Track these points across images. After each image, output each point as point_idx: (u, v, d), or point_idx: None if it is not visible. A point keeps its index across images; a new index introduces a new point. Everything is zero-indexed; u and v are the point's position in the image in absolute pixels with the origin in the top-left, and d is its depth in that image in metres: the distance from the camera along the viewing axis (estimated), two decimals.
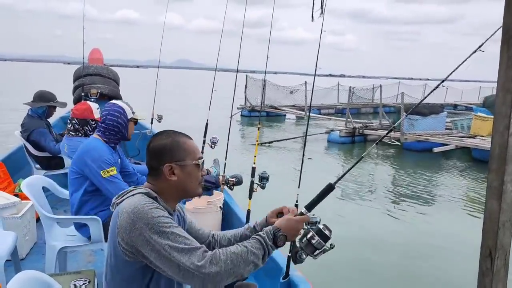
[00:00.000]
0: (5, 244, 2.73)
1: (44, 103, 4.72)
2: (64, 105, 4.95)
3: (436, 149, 12.42)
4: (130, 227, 1.47)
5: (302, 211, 1.71)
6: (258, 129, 3.97)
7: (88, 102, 4.14)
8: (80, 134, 3.90)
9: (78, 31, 6.18)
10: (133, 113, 3.00)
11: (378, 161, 12.14)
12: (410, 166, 11.47)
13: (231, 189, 4.17)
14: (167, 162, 1.63)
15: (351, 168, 1.91)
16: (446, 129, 14.36)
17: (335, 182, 1.75)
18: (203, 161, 1.71)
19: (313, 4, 2.96)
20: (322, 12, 2.89)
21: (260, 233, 1.59)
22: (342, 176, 1.81)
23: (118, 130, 2.89)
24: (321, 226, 1.65)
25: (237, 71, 4.77)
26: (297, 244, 1.69)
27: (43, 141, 4.53)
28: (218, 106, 4.71)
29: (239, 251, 1.50)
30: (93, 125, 3.90)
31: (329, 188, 1.75)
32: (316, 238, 1.63)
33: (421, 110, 13.93)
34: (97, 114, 3.92)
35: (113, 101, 3.03)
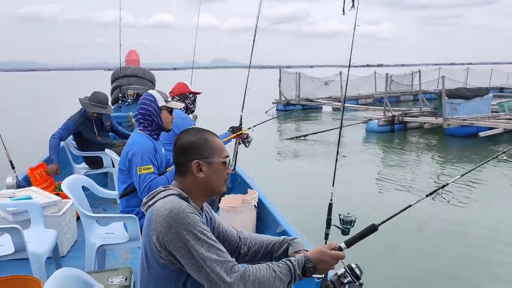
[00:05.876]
0: (46, 242, 2.81)
1: (82, 103, 4.72)
2: (106, 110, 4.79)
3: (482, 134, 11.88)
4: (165, 231, 1.48)
5: (341, 245, 1.69)
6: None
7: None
8: (183, 110, 3.90)
9: (117, 37, 6.22)
10: (166, 101, 2.98)
11: (420, 149, 11.72)
12: (455, 154, 10.98)
13: (246, 146, 4.15)
14: (195, 158, 1.63)
15: (397, 213, 1.83)
16: (492, 112, 13.68)
17: (379, 224, 1.76)
18: (230, 159, 1.72)
19: None
20: (353, 5, 2.82)
21: (292, 259, 1.59)
22: (387, 220, 1.80)
23: (151, 118, 2.90)
24: (353, 265, 1.64)
25: (249, 67, 4.55)
26: (328, 278, 1.70)
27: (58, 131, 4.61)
28: (248, 102, 4.63)
29: (267, 275, 1.51)
30: (192, 98, 4.01)
31: (372, 229, 1.76)
32: (348, 278, 1.62)
33: (464, 93, 13.33)
34: (192, 88, 4.06)
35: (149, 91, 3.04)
